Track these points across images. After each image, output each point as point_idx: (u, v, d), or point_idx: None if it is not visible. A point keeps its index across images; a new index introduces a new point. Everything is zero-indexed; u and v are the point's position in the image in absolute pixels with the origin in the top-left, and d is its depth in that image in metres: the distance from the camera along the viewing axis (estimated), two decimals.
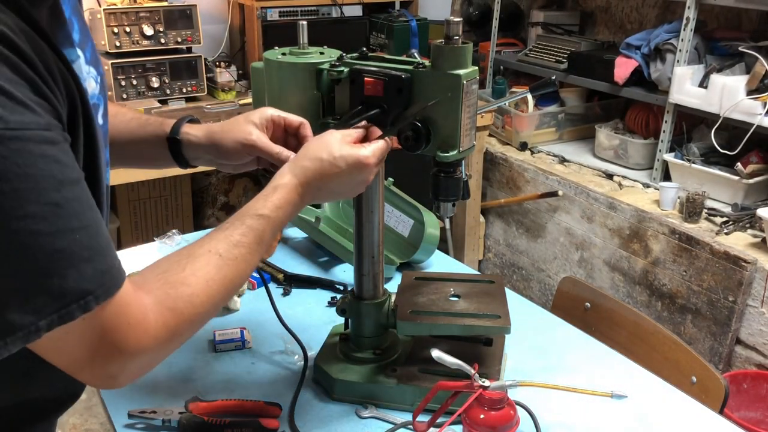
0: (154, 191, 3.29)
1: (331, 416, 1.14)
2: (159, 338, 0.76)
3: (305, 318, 1.41)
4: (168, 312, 0.77)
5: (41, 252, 0.64)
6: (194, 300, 0.80)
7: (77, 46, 0.84)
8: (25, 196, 0.63)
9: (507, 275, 3.38)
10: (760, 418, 2.27)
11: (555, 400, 1.15)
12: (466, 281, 1.30)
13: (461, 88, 0.99)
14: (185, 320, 0.79)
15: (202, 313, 0.82)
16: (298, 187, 0.95)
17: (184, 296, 0.79)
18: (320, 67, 1.07)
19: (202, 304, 0.81)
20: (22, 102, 0.64)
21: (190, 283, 0.80)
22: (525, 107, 3.32)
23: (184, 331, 0.81)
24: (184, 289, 0.80)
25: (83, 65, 0.85)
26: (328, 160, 0.96)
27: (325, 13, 3.31)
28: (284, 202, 0.93)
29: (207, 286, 0.82)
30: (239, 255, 0.86)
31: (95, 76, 0.89)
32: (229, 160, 1.09)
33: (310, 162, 0.97)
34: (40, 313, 0.65)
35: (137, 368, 0.77)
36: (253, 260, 0.89)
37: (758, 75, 2.45)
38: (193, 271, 0.81)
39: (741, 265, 2.31)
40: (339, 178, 0.97)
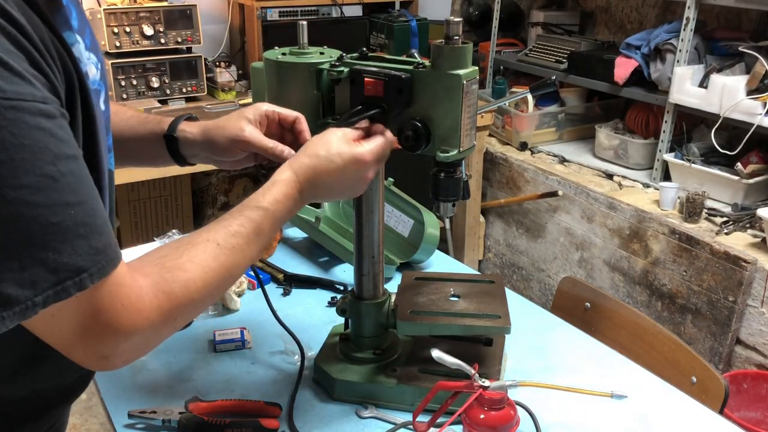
0: (154, 191, 3.29)
1: (331, 416, 1.13)
2: (152, 320, 0.76)
3: (305, 318, 1.41)
4: (163, 295, 0.77)
5: (36, 224, 0.64)
6: (190, 285, 0.80)
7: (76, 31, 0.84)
8: (20, 165, 0.63)
9: (507, 275, 3.38)
10: (760, 418, 2.28)
11: (555, 400, 1.15)
12: (466, 281, 1.30)
13: (461, 88, 0.99)
14: (180, 305, 0.79)
15: (197, 299, 0.82)
16: (296, 183, 0.95)
17: (180, 281, 0.79)
18: (320, 67, 1.07)
19: (198, 290, 0.81)
20: (19, 73, 0.63)
21: (186, 268, 0.81)
22: (525, 107, 3.32)
23: (178, 316, 0.81)
24: (181, 274, 0.80)
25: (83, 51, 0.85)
26: (325, 156, 0.97)
27: (325, 13, 3.31)
28: (282, 196, 0.93)
29: (203, 273, 0.82)
30: (236, 245, 0.87)
31: (95, 62, 0.89)
32: (224, 156, 1.09)
33: (308, 158, 0.97)
34: (36, 288, 0.65)
35: (130, 350, 0.77)
36: (251, 251, 0.89)
37: (758, 75, 2.45)
38: (190, 258, 0.82)
39: (741, 265, 2.31)
40: (335, 175, 0.98)
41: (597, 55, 3.16)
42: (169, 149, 1.11)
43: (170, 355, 1.29)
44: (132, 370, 1.23)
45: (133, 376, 1.22)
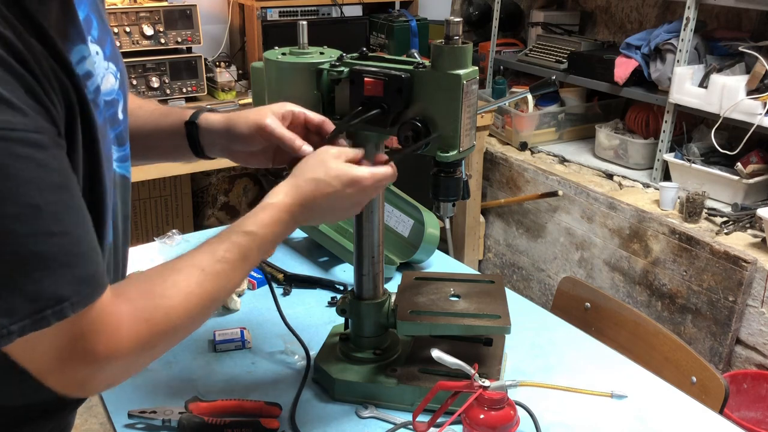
0: (154, 191, 3.29)
1: (331, 416, 1.13)
2: (131, 349, 0.75)
3: (305, 318, 1.41)
4: (143, 323, 0.76)
5: (17, 253, 0.64)
6: (171, 313, 0.79)
7: (96, 42, 0.84)
8: (5, 195, 0.63)
9: (507, 275, 3.38)
10: (760, 418, 2.27)
11: (555, 400, 1.15)
12: (466, 281, 1.30)
13: (461, 88, 0.99)
14: (160, 332, 0.78)
15: (179, 326, 0.80)
16: (289, 207, 0.93)
17: (162, 308, 0.78)
18: (320, 67, 1.07)
19: (179, 317, 0.80)
20: (11, 103, 0.64)
21: (169, 295, 0.79)
22: (525, 107, 3.32)
23: (157, 344, 0.79)
24: (163, 301, 0.79)
25: (101, 61, 0.85)
26: (324, 180, 0.95)
27: (325, 13, 3.31)
28: (272, 221, 0.92)
29: (186, 300, 0.80)
30: (221, 270, 0.85)
31: (114, 71, 0.89)
32: (243, 145, 1.06)
33: (305, 183, 0.95)
34: (12, 316, 0.65)
35: (107, 377, 0.76)
36: (236, 276, 0.88)
37: (758, 75, 2.45)
38: (173, 283, 0.80)
39: (741, 265, 2.31)
40: (333, 198, 0.95)
41: (597, 55, 3.16)
42: (189, 138, 1.09)
43: (170, 355, 1.29)
44: None
45: (133, 376, 1.22)
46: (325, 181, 0.95)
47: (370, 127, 1.04)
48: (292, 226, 0.95)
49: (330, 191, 0.95)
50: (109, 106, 0.88)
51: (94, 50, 0.84)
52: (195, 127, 1.09)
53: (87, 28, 0.84)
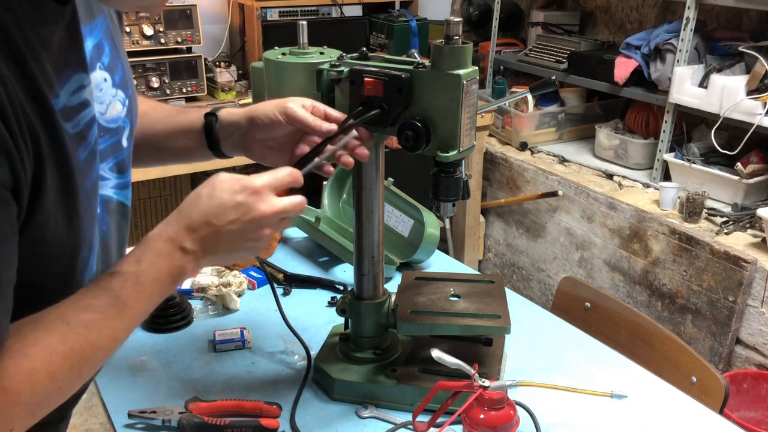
0: (154, 191, 3.29)
1: (331, 416, 1.13)
2: None
3: (305, 318, 1.41)
4: (21, 379, 0.65)
5: None
6: (34, 378, 0.67)
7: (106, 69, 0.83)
8: None
9: (507, 275, 3.38)
10: (760, 418, 2.27)
11: (555, 400, 1.15)
12: (466, 281, 1.30)
13: (461, 88, 0.99)
14: (21, 403, 0.66)
15: (41, 393, 0.68)
16: (171, 235, 0.82)
17: (24, 372, 0.66)
18: (320, 67, 1.07)
19: (41, 382, 0.67)
20: None
21: (31, 354, 0.67)
22: (525, 107, 3.32)
23: (18, 415, 0.66)
24: (25, 362, 0.67)
25: (109, 88, 0.84)
26: (209, 194, 0.84)
27: (325, 13, 3.31)
28: (150, 254, 0.79)
29: (49, 360, 0.68)
30: (90, 321, 0.72)
31: (122, 99, 0.88)
32: (264, 132, 1.02)
33: (188, 203, 0.85)
34: None
35: None
36: (111, 327, 0.74)
37: (758, 75, 2.45)
38: (35, 340, 0.68)
39: (741, 265, 2.31)
40: (223, 212, 0.83)
41: (597, 55, 3.16)
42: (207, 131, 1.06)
43: (170, 355, 1.29)
44: (132, 370, 1.23)
45: (133, 376, 1.22)
46: (210, 195, 0.84)
47: (370, 126, 1.04)
48: (181, 258, 0.81)
49: (216, 203, 0.83)
50: (111, 133, 0.86)
51: (102, 77, 0.83)
52: (214, 118, 1.06)
53: (98, 55, 0.83)
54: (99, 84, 0.83)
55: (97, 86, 0.83)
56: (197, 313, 1.42)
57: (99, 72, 0.83)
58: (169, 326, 1.36)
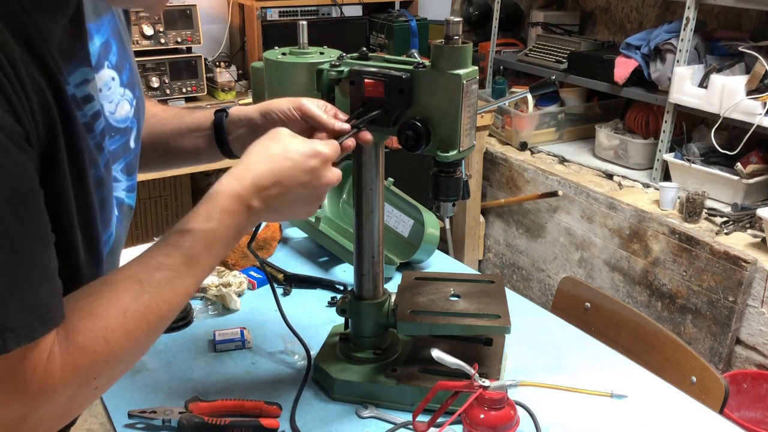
0: (154, 191, 3.29)
1: (331, 416, 1.13)
2: (67, 383, 0.65)
3: (305, 318, 1.41)
4: (78, 351, 0.66)
5: None
6: (109, 336, 0.68)
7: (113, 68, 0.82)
8: None
9: (507, 275, 3.38)
10: (760, 418, 2.28)
11: (555, 400, 1.15)
12: (466, 281, 1.30)
13: (461, 88, 0.99)
14: (99, 360, 0.67)
15: (119, 351, 0.69)
16: (239, 192, 0.81)
17: (97, 330, 0.67)
18: (320, 67, 1.07)
19: (118, 340, 0.69)
20: None
21: (103, 314, 0.68)
22: (525, 107, 3.32)
23: (99, 373, 0.68)
24: (97, 321, 0.68)
25: (117, 87, 0.83)
26: (280, 154, 0.83)
27: (325, 13, 3.31)
28: (220, 212, 0.79)
29: (124, 319, 0.69)
30: (162, 280, 0.73)
31: (130, 99, 0.87)
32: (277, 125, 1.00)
33: (257, 158, 0.83)
34: None
35: (46, 417, 0.65)
36: (184, 285, 0.75)
37: (758, 75, 2.45)
38: (108, 300, 0.69)
39: (741, 265, 2.31)
40: (294, 175, 0.83)
41: (597, 55, 3.16)
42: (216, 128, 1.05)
43: (170, 355, 1.29)
44: (132, 370, 1.23)
45: (133, 376, 1.22)
46: (284, 156, 0.83)
47: (371, 126, 1.04)
48: (247, 216, 0.81)
49: (290, 166, 0.83)
50: (121, 133, 0.85)
51: (110, 76, 0.82)
52: (224, 114, 1.05)
53: (105, 53, 0.82)
54: (107, 83, 0.82)
55: (105, 85, 0.82)
56: (197, 313, 1.42)
57: (107, 71, 0.82)
58: (169, 326, 1.35)
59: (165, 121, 1.08)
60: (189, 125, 1.08)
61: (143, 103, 0.94)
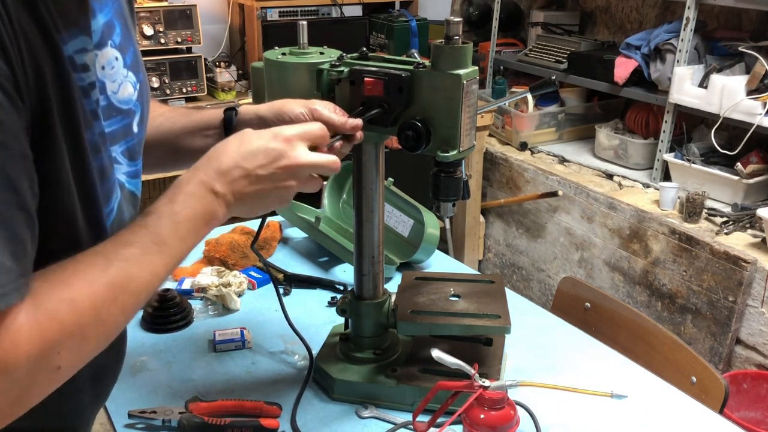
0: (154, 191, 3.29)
1: (331, 416, 1.13)
2: (31, 354, 0.62)
3: (305, 318, 1.41)
4: (45, 319, 0.64)
5: None
6: (77, 306, 0.66)
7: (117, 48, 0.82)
8: None
9: (507, 275, 3.38)
10: (760, 418, 2.27)
11: (555, 400, 1.15)
12: (466, 281, 1.30)
13: (461, 88, 0.99)
14: (66, 331, 0.65)
15: (86, 326, 0.67)
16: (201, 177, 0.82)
17: (66, 299, 0.66)
18: (320, 67, 1.07)
19: (85, 312, 0.67)
20: None
21: (73, 284, 0.67)
22: (525, 107, 3.32)
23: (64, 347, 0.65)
24: (66, 290, 0.67)
25: (120, 68, 0.83)
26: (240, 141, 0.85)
27: (325, 13, 3.31)
28: (182, 195, 0.80)
29: (91, 291, 0.68)
30: (129, 255, 0.72)
31: (134, 82, 0.87)
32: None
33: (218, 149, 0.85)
34: None
35: (5, 396, 0.62)
36: (151, 263, 0.74)
37: (758, 75, 2.45)
38: (75, 272, 0.69)
39: (741, 265, 2.31)
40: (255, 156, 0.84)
41: (597, 55, 3.16)
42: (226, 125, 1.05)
43: (170, 355, 1.29)
44: (132, 370, 1.23)
45: (133, 376, 1.22)
46: (243, 141, 0.85)
47: (371, 126, 1.04)
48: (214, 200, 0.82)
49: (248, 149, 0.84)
50: (123, 115, 0.85)
51: (113, 55, 0.82)
52: (234, 112, 1.05)
53: (108, 33, 0.81)
54: (110, 61, 0.81)
55: (108, 63, 0.81)
56: (197, 313, 1.42)
57: (110, 49, 0.81)
58: (169, 326, 1.36)
59: (173, 120, 1.08)
60: (198, 123, 1.08)
61: (147, 89, 0.93)
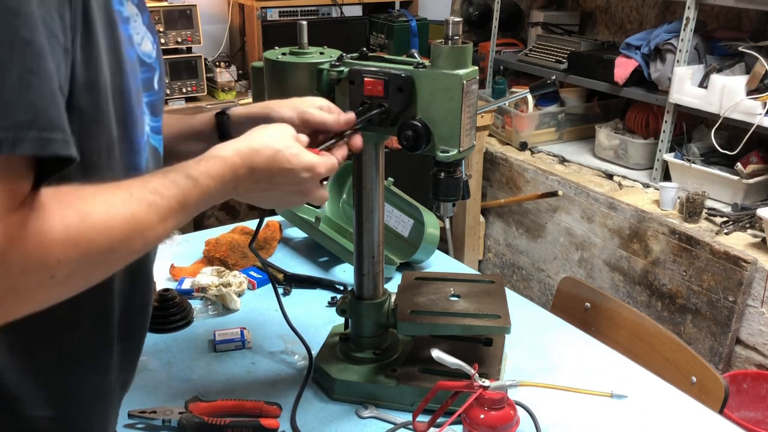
0: None
1: (331, 416, 1.13)
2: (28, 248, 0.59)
3: (305, 318, 1.41)
4: (54, 215, 0.61)
5: None
6: (88, 217, 0.64)
7: (136, 6, 0.83)
8: None
9: (507, 275, 3.38)
10: (760, 418, 2.27)
11: (555, 400, 1.15)
12: (466, 281, 1.30)
13: (461, 88, 0.99)
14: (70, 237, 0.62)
15: (91, 241, 0.64)
16: (237, 168, 0.83)
17: (78, 209, 0.64)
18: (320, 67, 1.07)
19: (95, 225, 0.64)
20: None
21: (91, 203, 0.65)
22: (525, 107, 3.32)
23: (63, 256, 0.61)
24: (82, 203, 0.64)
25: (140, 25, 0.83)
26: (284, 153, 0.87)
27: (325, 13, 3.31)
28: (217, 174, 0.80)
29: (107, 214, 0.65)
30: (153, 202, 0.71)
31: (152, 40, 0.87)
32: None
33: (262, 147, 0.86)
34: None
35: (19, 280, 0.59)
36: (169, 218, 0.73)
37: (758, 75, 2.45)
38: (95, 193, 0.66)
39: (741, 265, 2.31)
40: (286, 177, 0.87)
41: (597, 55, 3.16)
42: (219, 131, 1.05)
43: (170, 355, 1.29)
44: None
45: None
46: (285, 157, 0.86)
47: (371, 126, 1.04)
48: (230, 189, 0.83)
49: (286, 167, 0.87)
50: (146, 68, 0.85)
51: (134, 11, 0.82)
52: (226, 117, 1.05)
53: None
54: (133, 16, 0.82)
55: (132, 17, 0.81)
56: (197, 313, 1.42)
57: (132, 5, 0.81)
58: (169, 326, 1.36)
59: (169, 125, 1.07)
60: (193, 129, 1.08)
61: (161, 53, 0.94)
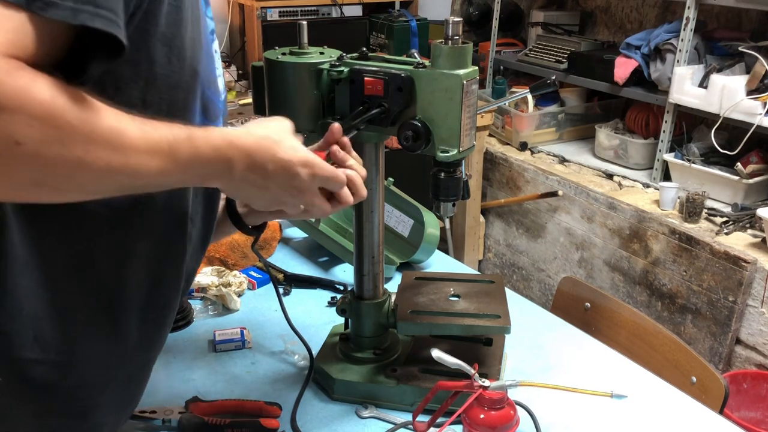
0: None
1: (331, 416, 1.13)
2: (43, 104, 0.59)
3: (305, 318, 1.41)
4: (65, 97, 0.60)
5: None
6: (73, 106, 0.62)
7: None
8: None
9: (507, 275, 3.38)
10: (760, 418, 2.27)
11: (555, 400, 1.15)
12: (466, 281, 1.30)
13: (461, 88, 0.99)
14: (45, 106, 0.59)
15: (72, 123, 0.61)
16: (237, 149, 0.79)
17: (68, 94, 0.61)
18: (320, 67, 1.07)
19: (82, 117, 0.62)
20: None
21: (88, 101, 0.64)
22: (525, 107, 3.32)
23: (38, 118, 0.59)
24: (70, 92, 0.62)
25: (203, 3, 0.84)
26: (281, 143, 0.83)
27: (325, 13, 3.31)
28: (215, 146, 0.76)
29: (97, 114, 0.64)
30: (145, 131, 0.68)
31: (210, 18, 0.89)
32: None
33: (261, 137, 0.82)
34: None
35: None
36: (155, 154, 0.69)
37: (758, 75, 2.45)
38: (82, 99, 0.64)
39: (741, 265, 2.31)
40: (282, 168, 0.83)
41: (597, 55, 3.16)
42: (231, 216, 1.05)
43: (170, 355, 1.29)
44: None
45: None
46: (282, 148, 0.83)
47: (371, 126, 1.04)
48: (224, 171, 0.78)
49: (283, 158, 0.82)
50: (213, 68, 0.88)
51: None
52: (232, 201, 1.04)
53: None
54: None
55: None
56: (197, 313, 1.42)
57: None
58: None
59: None
60: None
61: None
